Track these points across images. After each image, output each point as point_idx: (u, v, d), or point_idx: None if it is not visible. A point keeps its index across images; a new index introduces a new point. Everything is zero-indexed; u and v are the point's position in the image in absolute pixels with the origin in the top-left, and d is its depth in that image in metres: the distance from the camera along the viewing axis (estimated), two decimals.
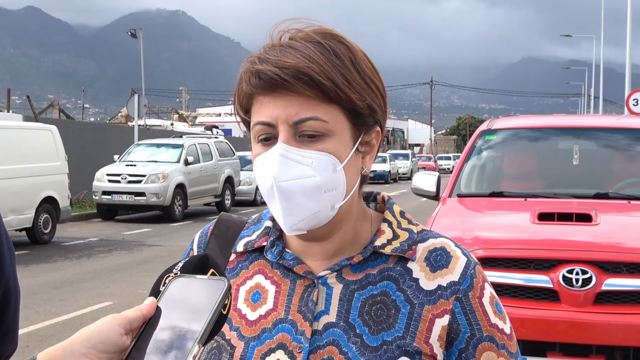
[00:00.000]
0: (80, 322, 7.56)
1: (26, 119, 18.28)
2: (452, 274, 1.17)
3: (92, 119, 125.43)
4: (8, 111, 21.17)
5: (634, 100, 19.93)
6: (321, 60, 1.09)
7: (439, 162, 56.38)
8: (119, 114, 39.28)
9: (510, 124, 6.34)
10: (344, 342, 1.13)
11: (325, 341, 1.13)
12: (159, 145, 19.53)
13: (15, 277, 1.60)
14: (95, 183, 17.91)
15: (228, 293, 0.94)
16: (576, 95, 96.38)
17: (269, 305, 1.18)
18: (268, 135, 1.12)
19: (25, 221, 13.20)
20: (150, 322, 0.93)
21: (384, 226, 1.22)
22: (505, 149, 6.16)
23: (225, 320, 0.95)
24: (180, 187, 18.19)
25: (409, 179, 40.03)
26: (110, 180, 17.76)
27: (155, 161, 18.47)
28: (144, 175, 17.63)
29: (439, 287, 1.16)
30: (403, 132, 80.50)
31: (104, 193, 17.66)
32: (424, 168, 42.17)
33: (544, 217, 4.66)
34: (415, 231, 1.22)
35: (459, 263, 1.18)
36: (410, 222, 1.24)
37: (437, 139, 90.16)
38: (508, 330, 1.19)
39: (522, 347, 4.14)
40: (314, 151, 1.10)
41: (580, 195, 5.30)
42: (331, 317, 1.15)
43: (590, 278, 4.12)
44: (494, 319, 1.17)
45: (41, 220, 13.60)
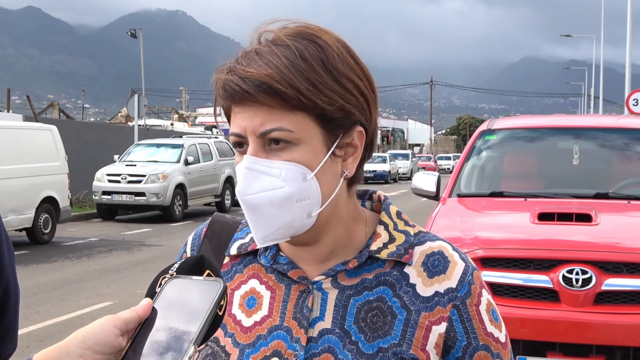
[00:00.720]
0: (80, 322, 7.55)
1: (26, 119, 18.27)
2: (450, 280, 1.15)
3: (92, 119, 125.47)
4: (8, 111, 21.17)
5: (634, 100, 19.93)
6: (284, 67, 1.06)
7: (439, 162, 56.35)
8: (119, 114, 39.32)
9: (510, 124, 6.33)
10: (339, 350, 1.11)
11: (320, 348, 1.12)
12: (158, 145, 19.53)
13: (15, 277, 1.60)
14: (95, 183, 17.91)
15: (224, 294, 0.93)
16: (576, 95, 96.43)
17: (264, 311, 1.17)
18: (242, 143, 1.11)
19: (25, 221, 13.20)
20: (146, 323, 0.93)
21: (380, 229, 1.19)
22: (505, 149, 6.16)
23: (222, 321, 0.94)
24: (180, 187, 18.18)
25: (409, 179, 40.03)
26: (110, 180, 17.75)
27: (155, 161, 18.46)
28: (144, 175, 17.63)
29: (436, 294, 1.14)
30: (403, 132, 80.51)
31: (104, 193, 17.65)
32: (424, 168, 42.17)
33: (544, 217, 4.66)
34: (412, 233, 1.20)
35: (457, 269, 1.16)
36: (407, 224, 1.21)
37: (437, 139, 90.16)
38: (503, 339, 1.18)
39: (522, 347, 4.14)
40: (282, 162, 1.08)
41: (580, 195, 5.30)
42: (326, 324, 1.13)
43: (590, 278, 4.11)
44: (490, 328, 1.16)
45: (41, 220, 13.60)
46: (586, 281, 4.12)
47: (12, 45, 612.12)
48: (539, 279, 4.19)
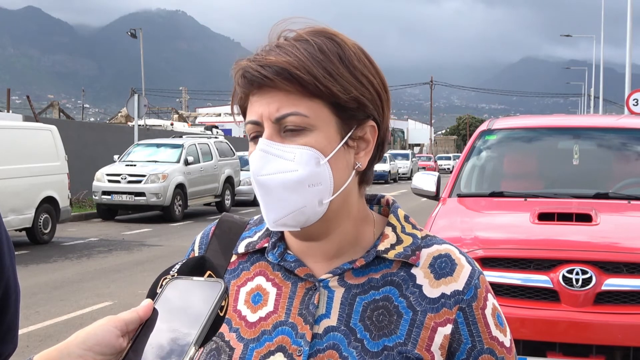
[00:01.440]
0: (80, 322, 7.56)
1: (26, 119, 18.26)
2: (457, 283, 1.16)
3: (92, 119, 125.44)
4: (8, 111, 21.16)
5: (634, 100, 19.93)
6: (302, 56, 1.10)
7: (439, 162, 56.35)
8: (119, 114, 39.31)
9: (510, 124, 6.33)
10: (344, 347, 1.12)
11: (325, 345, 1.13)
12: (158, 145, 19.53)
13: (15, 277, 1.60)
14: (95, 183, 17.91)
15: (225, 295, 0.94)
16: (576, 95, 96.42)
17: (270, 307, 1.18)
18: (257, 134, 1.14)
19: (25, 221, 13.20)
20: (147, 324, 0.93)
21: (388, 230, 1.20)
22: (505, 149, 6.16)
23: (222, 322, 0.94)
24: (180, 187, 18.19)
25: (409, 179, 40.02)
26: (110, 180, 17.76)
27: (155, 161, 18.47)
28: (144, 175, 17.63)
29: (443, 296, 1.15)
30: (403, 132, 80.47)
31: (104, 193, 17.66)
32: (424, 168, 42.16)
33: (544, 217, 4.66)
34: (419, 236, 1.21)
35: (464, 272, 1.17)
36: (414, 227, 1.23)
37: (437, 139, 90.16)
38: (508, 343, 1.19)
39: (522, 347, 4.14)
40: (296, 145, 1.10)
41: (580, 195, 5.30)
42: (332, 321, 1.14)
43: (590, 278, 4.11)
44: (495, 332, 1.17)
45: (41, 220, 13.60)
46: (586, 281, 4.12)
47: (12, 45, 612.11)
48: (539, 279, 4.19)
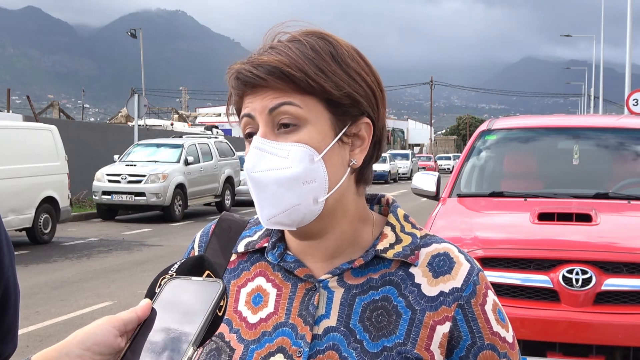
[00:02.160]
0: (80, 322, 7.55)
1: (26, 119, 18.26)
2: (455, 280, 1.15)
3: (92, 119, 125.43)
4: (8, 111, 21.16)
5: (634, 100, 19.93)
6: (294, 55, 1.11)
7: (439, 162, 56.36)
8: (119, 114, 39.32)
9: (510, 124, 6.33)
10: (344, 347, 1.12)
11: (325, 346, 1.13)
12: (158, 145, 19.53)
13: (14, 277, 1.60)
14: (95, 183, 17.91)
15: (223, 295, 0.93)
16: (576, 95, 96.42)
17: (270, 308, 1.18)
18: (252, 131, 1.14)
19: (25, 221, 13.20)
20: (145, 324, 0.93)
21: (387, 230, 1.20)
22: (505, 149, 6.16)
23: (221, 322, 0.94)
24: (180, 187, 18.19)
25: (409, 179, 40.03)
26: (110, 180, 17.76)
27: (155, 161, 18.46)
28: (144, 175, 17.63)
29: (441, 294, 1.15)
30: (403, 132, 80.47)
31: (104, 193, 17.66)
32: (423, 168, 42.17)
33: (544, 217, 4.66)
34: (418, 236, 1.21)
35: (462, 269, 1.17)
36: (413, 227, 1.22)
37: (437, 139, 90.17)
38: (510, 339, 1.18)
39: (522, 347, 4.13)
40: (290, 143, 1.10)
41: (580, 195, 5.30)
42: (332, 322, 1.14)
43: (590, 278, 4.11)
44: (496, 327, 1.16)
45: (41, 220, 13.60)
46: (586, 281, 4.11)
47: (12, 45, 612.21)
48: (539, 279, 4.19)
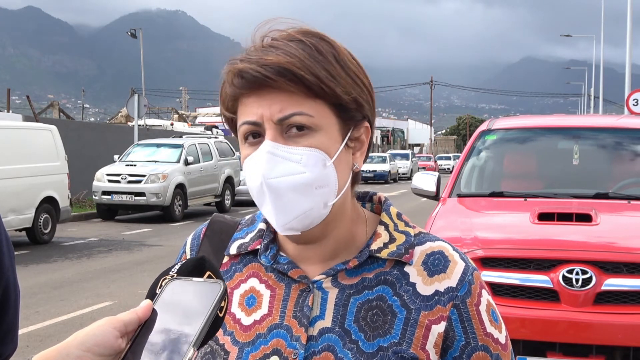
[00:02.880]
0: (80, 322, 7.55)
1: (26, 119, 18.26)
2: (450, 280, 1.15)
3: (92, 119, 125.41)
4: (8, 111, 21.16)
5: (634, 100, 19.93)
6: (303, 56, 1.08)
7: (439, 162, 56.35)
8: (119, 114, 39.29)
9: (510, 124, 6.33)
10: (339, 348, 1.11)
11: (320, 347, 1.12)
12: (158, 145, 19.52)
13: (14, 277, 1.60)
14: (95, 183, 17.90)
15: (224, 296, 0.93)
16: (576, 95, 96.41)
17: (264, 310, 1.17)
18: (255, 134, 1.11)
19: (25, 221, 13.20)
20: (146, 325, 0.92)
21: (380, 229, 1.20)
22: (505, 149, 6.16)
23: (222, 323, 0.94)
24: (180, 187, 18.18)
25: (409, 179, 40.01)
26: (110, 180, 17.75)
27: (155, 161, 18.46)
28: (144, 175, 17.63)
29: (436, 293, 1.14)
30: (403, 132, 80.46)
31: (104, 193, 17.65)
32: (424, 168, 42.15)
33: (544, 217, 4.65)
34: (412, 234, 1.20)
35: (457, 268, 1.16)
36: (407, 225, 1.22)
37: (437, 139, 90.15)
38: (503, 340, 1.17)
39: (522, 347, 4.13)
40: (302, 147, 1.08)
41: (580, 195, 5.30)
42: (327, 323, 1.13)
43: (590, 278, 4.11)
44: (490, 328, 1.16)
45: (41, 220, 13.59)
46: (586, 281, 4.11)
47: (12, 45, 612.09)
48: (538, 279, 4.19)
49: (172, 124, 35.75)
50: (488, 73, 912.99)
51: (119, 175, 17.78)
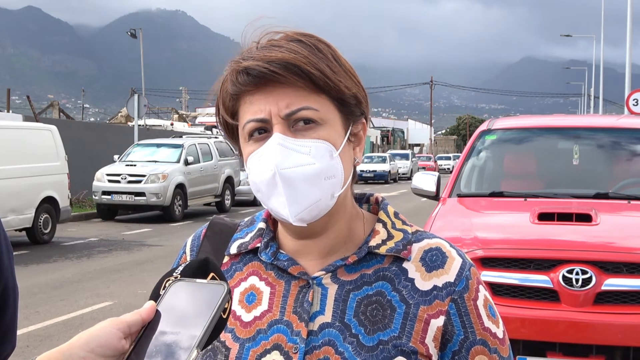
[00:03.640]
0: (80, 322, 7.56)
1: (26, 119, 18.26)
2: (448, 275, 1.17)
3: (92, 119, 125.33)
4: (8, 111, 21.17)
5: (634, 100, 19.93)
6: (306, 53, 1.12)
7: (439, 162, 56.33)
8: (119, 114, 39.28)
9: (510, 124, 6.34)
10: (339, 342, 1.13)
11: (321, 341, 1.14)
12: (158, 145, 19.52)
13: (13, 278, 1.60)
14: (95, 183, 17.91)
15: (228, 297, 0.94)
16: (576, 95, 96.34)
17: (264, 306, 1.19)
18: (261, 130, 1.13)
19: (25, 221, 13.20)
20: (150, 326, 0.93)
21: (379, 226, 1.22)
22: (505, 149, 6.16)
23: (225, 325, 0.95)
24: (180, 187, 18.18)
25: (409, 179, 40.00)
26: (110, 180, 17.76)
27: (155, 161, 18.47)
28: (144, 175, 17.63)
29: (435, 288, 1.16)
30: (403, 132, 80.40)
31: (104, 193, 17.66)
32: (423, 168, 42.14)
33: (544, 217, 4.66)
34: (409, 232, 1.22)
35: (455, 264, 1.19)
36: (404, 223, 1.24)
37: (437, 139, 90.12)
38: (501, 335, 1.19)
39: (522, 347, 4.14)
40: (310, 139, 1.12)
41: (580, 195, 5.30)
42: (327, 318, 1.15)
43: (590, 278, 4.12)
44: (487, 323, 1.18)
45: (41, 220, 13.60)
46: (586, 281, 4.12)
47: (12, 45, 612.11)
48: (538, 279, 4.20)
49: (172, 124, 35.74)
50: (488, 73, 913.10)
51: (119, 175, 17.78)
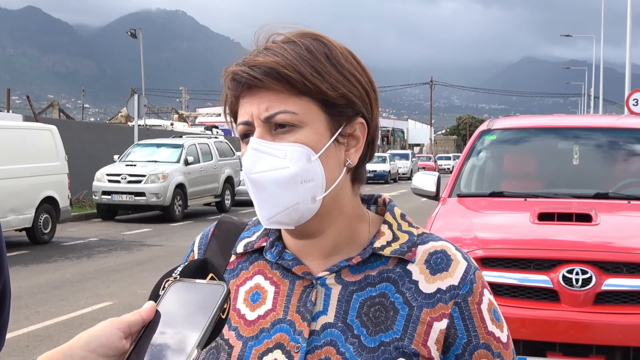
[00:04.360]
0: (80, 322, 7.56)
1: (26, 119, 18.27)
2: (452, 278, 1.17)
3: (92, 119, 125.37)
4: (8, 111, 21.17)
5: (634, 100, 19.93)
6: (290, 56, 1.12)
7: (439, 162, 56.35)
8: (119, 114, 39.29)
9: (510, 124, 6.34)
10: (341, 343, 1.13)
11: (322, 341, 1.14)
12: (158, 145, 19.53)
13: (9, 275, 1.62)
14: (95, 183, 17.91)
15: (227, 297, 0.94)
16: (576, 95, 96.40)
17: (268, 305, 1.19)
18: (248, 132, 1.16)
19: (25, 221, 13.20)
20: (150, 326, 0.93)
21: (384, 228, 1.22)
22: (505, 149, 6.16)
23: (224, 325, 0.95)
24: (180, 187, 18.19)
25: (409, 179, 40.01)
26: (110, 180, 17.76)
27: (155, 161, 18.47)
28: (144, 175, 17.63)
29: (438, 291, 1.16)
30: (403, 132, 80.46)
31: (104, 193, 17.66)
32: (423, 168, 42.15)
33: (544, 217, 4.66)
34: (415, 234, 1.22)
35: (459, 267, 1.18)
36: (410, 225, 1.24)
37: (437, 139, 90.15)
38: (504, 339, 1.19)
39: (522, 347, 4.14)
40: (286, 143, 1.12)
41: (580, 195, 5.30)
42: (329, 318, 1.15)
43: (590, 278, 4.12)
44: (491, 327, 1.18)
45: (41, 220, 13.60)
46: (586, 281, 4.12)
47: (12, 45, 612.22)
48: (538, 279, 4.20)
49: (172, 124, 35.75)
50: (488, 73, 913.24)
51: (119, 175, 17.79)
